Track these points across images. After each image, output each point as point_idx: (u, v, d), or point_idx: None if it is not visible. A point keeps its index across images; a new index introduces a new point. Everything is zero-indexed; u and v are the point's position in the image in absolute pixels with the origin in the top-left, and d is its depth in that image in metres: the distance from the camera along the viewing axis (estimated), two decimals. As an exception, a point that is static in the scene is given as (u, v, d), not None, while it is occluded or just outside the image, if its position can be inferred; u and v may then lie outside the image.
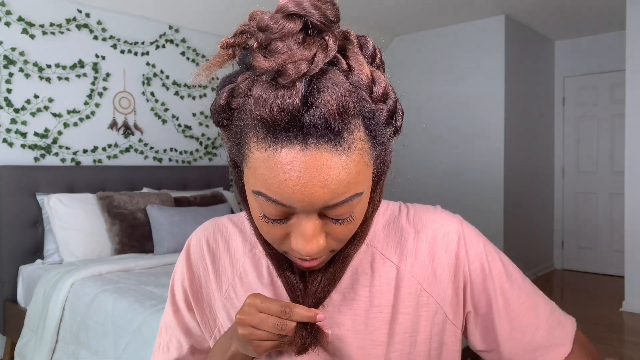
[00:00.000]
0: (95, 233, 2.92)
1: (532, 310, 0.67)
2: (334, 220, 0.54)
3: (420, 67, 4.86)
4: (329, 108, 0.47)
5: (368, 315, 0.64)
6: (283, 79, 0.47)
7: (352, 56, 0.52)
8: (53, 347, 2.40)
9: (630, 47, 3.81)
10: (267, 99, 0.47)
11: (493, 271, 0.66)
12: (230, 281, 0.70)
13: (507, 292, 0.67)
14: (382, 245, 0.67)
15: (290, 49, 0.47)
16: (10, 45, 2.96)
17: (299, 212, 0.52)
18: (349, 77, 0.51)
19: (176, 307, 0.75)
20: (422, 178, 4.83)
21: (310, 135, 0.48)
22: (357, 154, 0.50)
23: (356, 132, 0.50)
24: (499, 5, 4.15)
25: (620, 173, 4.94)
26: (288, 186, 0.49)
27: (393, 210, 0.70)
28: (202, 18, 3.77)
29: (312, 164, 0.48)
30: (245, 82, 0.51)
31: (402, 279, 0.65)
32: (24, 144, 3.02)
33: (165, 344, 0.76)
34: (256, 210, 0.55)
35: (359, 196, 0.53)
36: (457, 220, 0.68)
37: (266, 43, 0.48)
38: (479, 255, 0.67)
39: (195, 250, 0.74)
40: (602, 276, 5.03)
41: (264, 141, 0.49)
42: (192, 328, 0.75)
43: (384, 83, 0.52)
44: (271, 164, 0.49)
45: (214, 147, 4.04)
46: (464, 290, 0.67)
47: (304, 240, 0.53)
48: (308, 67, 0.47)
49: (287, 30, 0.47)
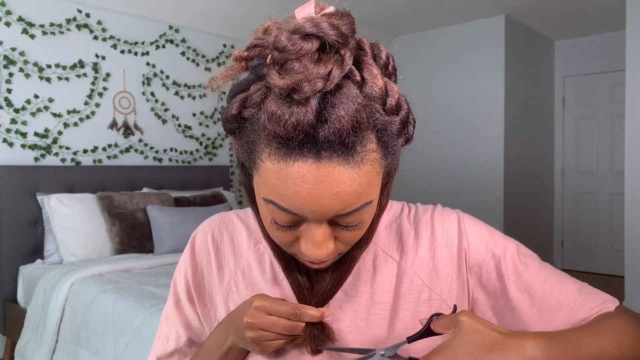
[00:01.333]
0: (95, 233, 2.92)
1: (557, 289, 0.64)
2: (343, 227, 0.55)
3: (420, 67, 4.86)
4: (343, 124, 0.47)
5: (369, 312, 0.64)
6: (298, 95, 0.47)
7: (365, 68, 0.52)
8: (53, 347, 2.40)
9: (630, 47, 3.81)
10: (282, 116, 0.47)
11: (506, 255, 0.65)
12: (232, 274, 0.71)
13: (524, 274, 0.64)
14: (384, 243, 0.68)
15: (307, 68, 0.47)
16: (10, 45, 2.96)
17: (310, 220, 0.52)
18: (362, 88, 0.51)
19: (177, 298, 0.76)
20: (421, 178, 4.83)
21: (324, 149, 0.48)
22: (369, 166, 0.51)
23: (369, 144, 0.50)
24: (499, 5, 4.15)
25: (620, 173, 4.93)
26: (300, 198, 0.49)
27: (396, 210, 0.71)
28: (202, 18, 3.77)
29: (324, 177, 0.48)
30: (258, 93, 0.51)
31: (403, 275, 0.66)
32: (24, 144, 3.02)
33: (165, 335, 0.77)
34: (267, 216, 0.55)
35: (369, 204, 0.53)
36: (456, 215, 0.68)
37: (282, 62, 0.48)
38: (485, 243, 0.66)
39: (200, 243, 0.74)
40: (602, 276, 5.03)
41: (276, 154, 0.49)
42: (192, 320, 0.75)
43: (397, 95, 0.52)
44: (283, 176, 0.49)
45: (214, 147, 4.04)
46: (478, 281, 0.65)
47: (314, 246, 0.54)
48: (324, 84, 0.47)
49: (304, 51, 0.47)
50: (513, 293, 0.64)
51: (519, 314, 0.63)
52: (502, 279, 0.64)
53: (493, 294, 0.65)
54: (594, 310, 0.63)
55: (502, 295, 0.64)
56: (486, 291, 0.65)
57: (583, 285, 0.66)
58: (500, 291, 0.65)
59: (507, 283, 0.64)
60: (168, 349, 0.76)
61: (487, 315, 0.66)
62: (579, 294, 0.64)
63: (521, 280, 0.64)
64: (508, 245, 0.66)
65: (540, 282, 0.64)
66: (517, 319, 0.64)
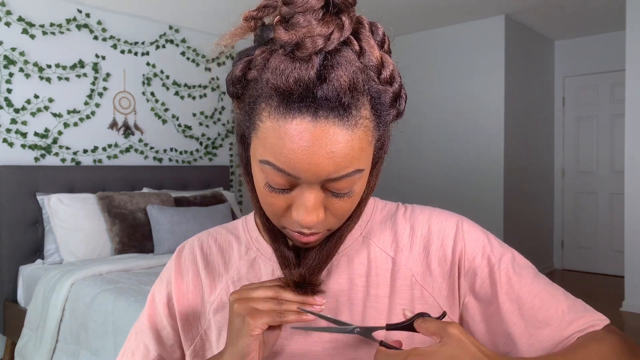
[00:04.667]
0: (95, 233, 2.92)
1: (547, 304, 0.63)
2: (334, 194, 0.56)
3: (420, 67, 4.86)
4: (341, 83, 0.50)
5: (365, 305, 0.64)
6: (300, 52, 0.50)
7: (364, 39, 0.54)
8: (53, 347, 2.40)
9: (630, 47, 3.81)
10: (285, 70, 0.50)
11: (501, 264, 0.65)
12: (224, 284, 0.70)
13: (516, 284, 0.64)
14: (379, 238, 0.68)
15: (310, 23, 0.50)
16: (11, 45, 2.96)
17: (302, 182, 0.54)
18: (360, 57, 0.53)
19: (153, 312, 0.74)
20: (422, 178, 4.83)
21: (322, 107, 0.50)
22: (362, 131, 0.53)
23: (363, 109, 0.53)
24: (499, 5, 4.15)
25: (620, 173, 4.93)
26: (296, 155, 0.51)
27: (391, 208, 0.72)
28: (202, 18, 3.77)
29: (320, 136, 0.51)
30: (263, 55, 0.53)
31: (397, 271, 0.66)
32: (24, 144, 3.02)
33: (131, 350, 0.74)
34: (260, 181, 0.57)
35: (359, 172, 0.55)
36: (456, 218, 0.68)
37: (289, 17, 0.51)
38: (482, 249, 0.66)
39: (187, 255, 0.73)
40: (602, 276, 5.03)
41: (276, 111, 0.51)
42: (165, 337, 0.73)
43: (391, 66, 0.55)
44: (281, 133, 0.51)
45: (214, 147, 4.04)
46: (471, 286, 0.65)
47: (305, 212, 0.55)
48: (324, 43, 0.50)
49: (310, 5, 0.50)
50: (503, 302, 0.64)
51: (507, 323, 0.63)
52: (494, 286, 0.64)
53: (484, 300, 0.65)
54: (581, 329, 0.62)
55: (492, 302, 0.64)
56: (477, 297, 0.65)
57: (575, 302, 0.65)
58: (490, 298, 0.65)
59: (498, 292, 0.64)
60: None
61: (476, 320, 0.66)
62: (569, 311, 0.63)
63: (513, 291, 0.64)
64: (504, 253, 0.66)
65: (531, 295, 0.64)
66: (503, 327, 0.64)
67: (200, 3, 3.61)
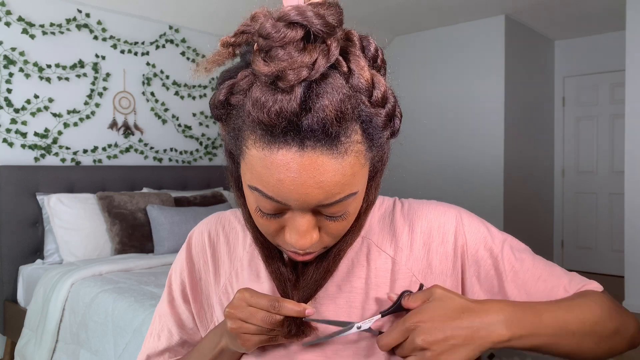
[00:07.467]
0: (95, 233, 2.92)
1: (550, 284, 0.66)
2: (328, 217, 0.55)
3: (420, 67, 4.86)
4: (327, 114, 0.47)
5: (364, 307, 0.64)
6: (283, 83, 0.47)
7: (353, 59, 0.51)
8: (53, 347, 2.40)
9: (630, 47, 3.81)
10: (266, 103, 0.47)
11: (503, 253, 0.66)
12: (227, 276, 0.71)
13: (520, 271, 0.66)
14: (378, 237, 0.67)
15: (291, 56, 0.47)
16: (10, 45, 2.96)
17: (293, 209, 0.53)
18: (349, 80, 0.50)
19: (172, 297, 0.75)
20: (421, 178, 4.83)
21: (308, 138, 0.48)
22: (354, 157, 0.51)
23: (353, 135, 0.50)
24: (499, 5, 4.15)
25: (620, 173, 4.93)
26: (284, 186, 0.50)
27: (388, 205, 0.71)
28: (202, 18, 3.77)
29: (308, 166, 0.49)
30: (245, 80, 0.51)
31: (397, 271, 0.65)
32: (24, 144, 3.02)
33: (156, 332, 0.76)
34: (252, 204, 0.56)
35: (353, 195, 0.53)
36: (455, 211, 0.68)
37: (267, 49, 0.48)
38: (484, 241, 0.66)
39: (197, 243, 0.74)
40: (602, 276, 5.03)
41: (261, 141, 0.49)
42: (185, 320, 0.75)
43: (383, 87, 0.52)
44: (267, 164, 0.49)
45: (214, 147, 4.04)
46: (476, 278, 0.66)
47: (297, 235, 0.54)
48: (309, 73, 0.47)
49: (288, 39, 0.47)
50: (510, 290, 0.65)
51: None
52: (500, 277, 0.65)
53: (490, 290, 0.66)
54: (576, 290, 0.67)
55: (499, 292, 0.66)
56: (483, 288, 0.66)
57: (573, 276, 0.69)
58: (497, 288, 0.66)
59: (504, 281, 0.65)
60: (159, 347, 0.76)
61: None
62: (570, 285, 0.67)
63: (517, 277, 0.66)
64: (504, 240, 0.67)
65: (534, 278, 0.66)
66: None
67: (200, 3, 3.61)
